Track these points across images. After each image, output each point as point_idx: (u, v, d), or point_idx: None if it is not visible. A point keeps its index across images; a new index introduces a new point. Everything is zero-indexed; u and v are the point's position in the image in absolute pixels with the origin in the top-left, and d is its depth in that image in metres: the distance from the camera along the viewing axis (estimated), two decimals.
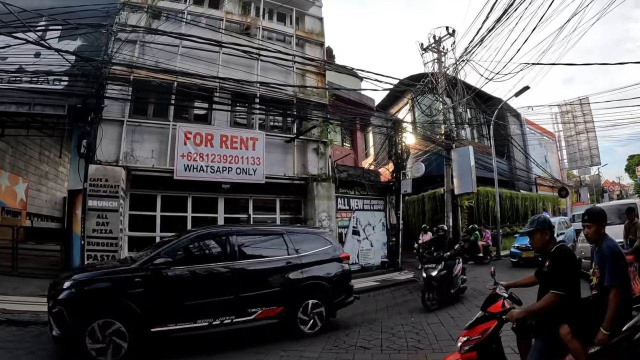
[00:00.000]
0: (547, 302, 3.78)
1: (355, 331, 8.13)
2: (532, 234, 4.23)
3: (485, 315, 4.27)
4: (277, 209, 15.43)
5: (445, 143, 20.70)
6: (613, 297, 3.64)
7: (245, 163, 14.04)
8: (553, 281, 3.84)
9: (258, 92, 15.10)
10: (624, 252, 9.08)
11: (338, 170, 16.17)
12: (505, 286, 4.61)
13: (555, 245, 4.13)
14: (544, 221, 4.23)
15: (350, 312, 9.88)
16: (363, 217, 17.16)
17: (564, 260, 3.96)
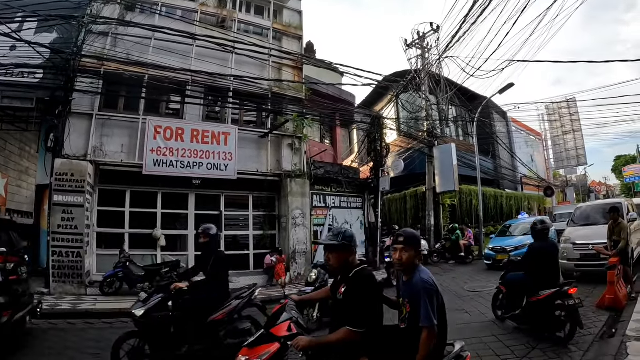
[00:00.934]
0: (340, 338, 3.16)
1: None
2: (332, 249, 3.54)
3: (268, 335, 3.55)
4: (250, 205, 14.97)
5: (427, 140, 20.22)
6: (425, 339, 3.10)
7: (216, 158, 13.61)
8: (349, 314, 3.20)
9: (232, 86, 14.64)
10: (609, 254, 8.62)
11: (315, 167, 15.67)
12: (297, 301, 3.90)
13: (355, 268, 3.45)
14: (350, 237, 3.57)
15: None
16: (340, 215, 16.66)
17: (364, 290, 3.30)
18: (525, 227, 16.04)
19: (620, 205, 11.50)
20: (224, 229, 14.22)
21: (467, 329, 7.36)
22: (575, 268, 11.19)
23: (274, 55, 15.51)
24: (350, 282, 3.34)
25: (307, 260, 14.70)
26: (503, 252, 14.77)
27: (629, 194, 52.31)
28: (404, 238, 3.43)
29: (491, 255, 15.56)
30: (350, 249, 3.51)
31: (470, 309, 9.09)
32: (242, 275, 13.61)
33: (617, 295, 7.84)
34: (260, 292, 12.18)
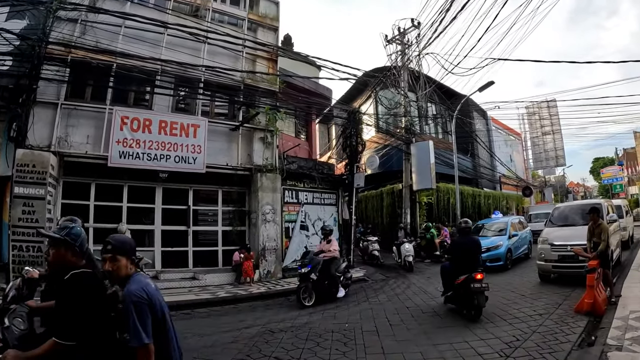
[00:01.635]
0: (45, 350, 2.60)
1: (278, 337, 7.28)
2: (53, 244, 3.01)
3: None
4: (220, 200, 14.51)
5: (405, 137, 19.86)
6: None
7: (185, 151, 13.15)
8: (58, 324, 2.70)
9: (203, 77, 14.14)
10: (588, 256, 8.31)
11: (287, 162, 15.18)
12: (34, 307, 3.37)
13: (73, 271, 2.87)
14: (76, 235, 3.04)
15: (282, 314, 9.20)
16: (312, 211, 16.26)
17: (76, 296, 2.72)
18: (499, 227, 15.78)
19: (600, 206, 11.28)
20: (191, 224, 13.79)
21: (439, 334, 7.04)
22: (552, 269, 11.03)
23: (248, 46, 15.03)
24: (63, 286, 2.79)
25: (278, 257, 14.31)
26: None
27: (606, 195, 52.96)
28: (112, 246, 2.77)
29: None
30: (73, 248, 2.96)
31: (442, 312, 8.75)
32: (209, 272, 13.25)
33: (597, 299, 7.54)
34: (226, 290, 11.92)
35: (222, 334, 7.60)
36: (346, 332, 7.32)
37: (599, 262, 8.10)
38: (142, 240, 13.22)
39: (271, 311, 9.72)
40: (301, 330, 7.61)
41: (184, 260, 13.64)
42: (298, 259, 15.10)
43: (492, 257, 13.94)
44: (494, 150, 34.78)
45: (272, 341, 7.01)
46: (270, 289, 12.27)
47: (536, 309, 8.24)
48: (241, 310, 10.05)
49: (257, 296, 11.35)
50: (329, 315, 8.96)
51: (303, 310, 9.59)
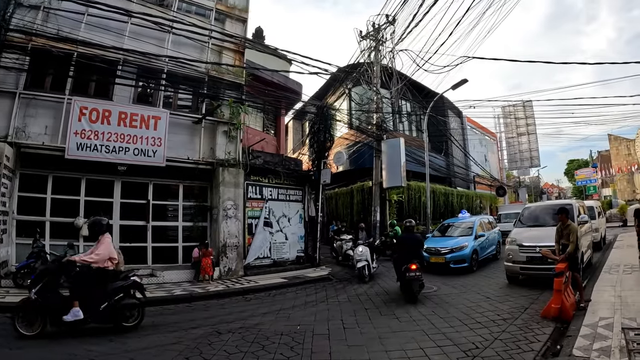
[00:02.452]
0: None
1: (224, 339, 6.95)
2: None
3: None
4: (180, 195, 14.07)
5: (376, 134, 19.61)
6: None
7: (144, 143, 12.74)
8: None
9: (166, 67, 13.64)
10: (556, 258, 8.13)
11: (253, 156, 14.80)
12: None
13: None
14: None
15: (235, 314, 8.84)
16: (277, 207, 15.93)
17: None
18: (466, 227, 15.44)
19: (570, 207, 11.13)
20: (151, 219, 13.37)
21: (394, 339, 6.70)
22: (520, 271, 10.77)
23: (215, 37, 14.59)
24: None
25: (239, 254, 13.95)
26: (437, 254, 13.85)
27: (580, 196, 53.58)
28: None
29: (424, 257, 13.41)
30: None
31: (401, 314, 8.40)
32: (167, 269, 12.89)
33: (565, 304, 7.26)
34: (183, 288, 11.53)
35: (167, 334, 7.27)
36: (296, 335, 7.01)
37: (567, 264, 7.89)
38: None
39: (224, 310, 9.38)
40: (250, 332, 7.29)
41: (142, 257, 13.21)
42: (261, 256, 14.79)
43: (456, 258, 13.53)
44: (469, 150, 34.88)
45: (216, 343, 6.69)
46: (229, 287, 11.91)
47: (500, 313, 7.97)
48: (194, 309, 9.69)
49: (214, 295, 10.97)
50: (283, 316, 8.65)
51: (257, 310, 9.30)
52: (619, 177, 61.56)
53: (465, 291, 10.39)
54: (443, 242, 14.53)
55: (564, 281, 7.45)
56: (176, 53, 13.46)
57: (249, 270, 14.15)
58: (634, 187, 58.22)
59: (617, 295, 8.40)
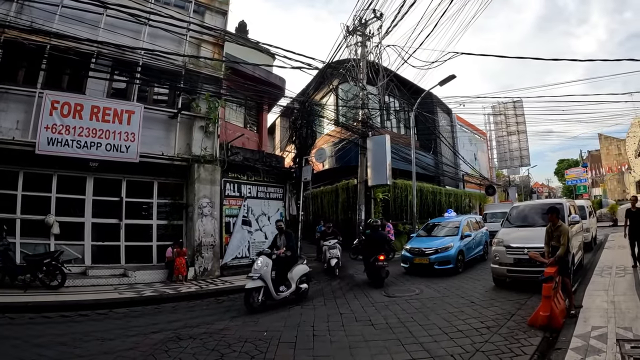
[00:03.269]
0: None
1: (183, 345, 6.54)
2: None
3: None
4: (155, 192, 13.63)
5: (361, 130, 19.18)
6: None
7: (117, 139, 12.33)
8: None
9: (141, 60, 13.21)
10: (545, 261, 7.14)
11: (231, 152, 14.31)
12: None
13: None
14: None
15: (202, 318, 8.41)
16: (256, 205, 15.48)
17: None
18: (453, 227, 14.83)
19: (561, 206, 10.54)
20: (124, 217, 12.92)
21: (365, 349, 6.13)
22: (507, 274, 10.16)
23: (193, 29, 14.15)
24: None
25: (216, 254, 13.54)
26: (421, 255, 13.27)
27: (570, 196, 53.47)
28: None
29: (408, 257, 13.72)
30: None
31: (377, 321, 7.81)
32: (141, 269, 12.46)
33: (554, 311, 6.70)
34: (154, 289, 11.07)
35: (125, 339, 6.85)
36: (260, 343, 6.52)
37: (557, 268, 7.32)
38: (72, 234, 12.32)
39: (192, 313, 8.97)
40: (212, 338, 6.85)
41: (115, 256, 12.81)
42: (240, 256, 14.30)
43: (441, 259, 12.95)
44: (458, 149, 34.57)
45: (173, 350, 6.27)
46: (202, 288, 11.50)
47: (485, 320, 7.38)
48: (162, 311, 9.27)
49: (185, 296, 10.55)
50: (251, 320, 8.14)
51: (226, 313, 8.86)
52: (609, 177, 61.55)
53: (449, 295, 9.87)
54: (428, 242, 13.97)
55: (554, 287, 6.90)
56: (153, 46, 12.99)
57: (226, 271, 13.75)
58: (624, 186, 58.21)
59: (610, 300, 7.89)
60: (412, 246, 13.90)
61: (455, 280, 11.90)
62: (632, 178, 52.72)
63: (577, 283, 9.83)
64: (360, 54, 20.02)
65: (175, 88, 13.81)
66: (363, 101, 19.59)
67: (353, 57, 19.80)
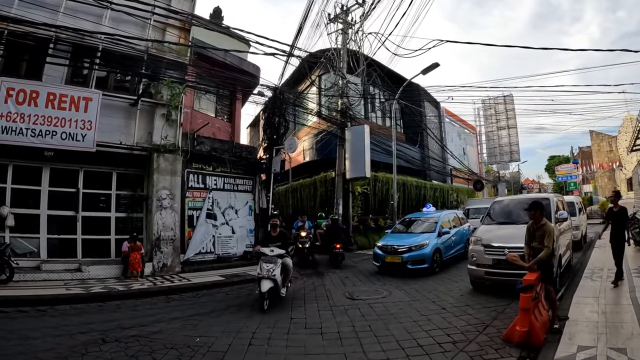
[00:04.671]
0: None
1: (104, 349, 5.93)
2: None
3: None
4: (114, 183, 12.97)
5: (340, 121, 18.54)
6: None
7: (73, 127, 11.64)
8: None
9: (101, 45, 12.47)
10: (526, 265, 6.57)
11: (197, 142, 13.65)
12: None
13: None
14: None
15: (140, 318, 7.78)
16: (223, 198, 14.84)
17: None
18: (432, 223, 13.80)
19: (547, 202, 9.71)
20: (81, 209, 12.26)
21: None
22: (485, 276, 9.18)
23: (158, 13, 13.39)
24: None
25: (176, 249, 12.93)
26: (393, 253, 12.33)
27: (560, 192, 53.16)
28: None
29: (379, 255, 12.76)
30: None
31: (329, 329, 6.96)
32: (96, 264, 11.79)
33: (534, 326, 5.68)
34: (105, 285, 10.44)
35: (50, 339, 6.31)
36: (186, 351, 5.84)
37: (539, 274, 6.29)
38: (27, 226, 11.70)
39: (134, 313, 8.34)
40: (138, 342, 6.21)
41: (72, 250, 12.17)
42: (204, 251, 13.66)
43: (414, 258, 12.00)
44: (447, 143, 34.09)
45: (91, 353, 5.70)
46: (155, 285, 10.86)
47: (452, 333, 6.44)
48: (103, 309, 8.65)
49: (134, 294, 9.91)
50: (191, 323, 7.47)
51: (169, 314, 8.22)
52: (599, 174, 61.43)
53: (419, 299, 8.99)
54: (401, 239, 12.97)
55: (533, 297, 5.86)
56: (116, 30, 12.32)
57: (189, 267, 13.13)
58: (615, 183, 58.02)
59: (601, 311, 6.90)
60: (385, 243, 12.98)
61: (430, 282, 11.01)
62: (623, 175, 52.56)
63: (564, 287, 8.99)
64: (341, 42, 19.43)
65: (135, 74, 13.16)
66: (342, 90, 18.96)
67: (334, 47, 19.24)
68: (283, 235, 9.46)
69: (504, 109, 46.40)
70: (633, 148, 25.38)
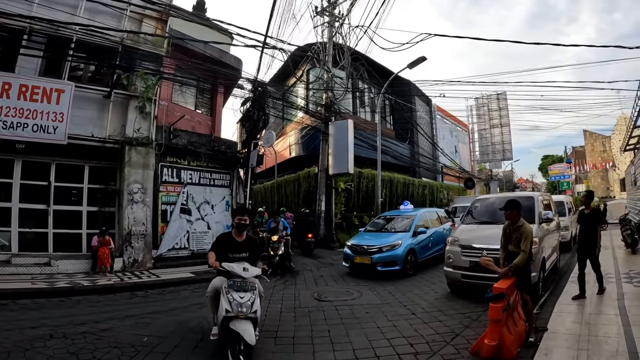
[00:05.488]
0: None
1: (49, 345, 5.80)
2: None
3: None
4: (86, 177, 12.79)
5: (324, 115, 18.35)
6: None
7: (45, 119, 11.44)
8: None
9: (75, 37, 12.24)
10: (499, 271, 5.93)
11: (173, 135, 13.45)
12: None
13: None
14: None
15: (96, 315, 7.60)
16: (198, 193, 14.63)
17: None
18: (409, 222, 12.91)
19: (531, 201, 9.24)
20: (52, 202, 12.11)
21: None
22: (462, 280, 8.66)
23: (135, 4, 13.17)
24: None
25: (147, 244, 12.74)
26: (363, 254, 11.63)
27: (553, 192, 53.10)
28: None
29: (349, 255, 12.08)
30: None
31: (285, 334, 6.53)
32: (65, 259, 11.67)
33: (505, 340, 5.08)
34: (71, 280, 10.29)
35: None
36: (129, 351, 5.64)
37: (514, 281, 5.72)
38: None
39: (92, 309, 8.19)
40: (85, 340, 6.06)
41: (44, 244, 11.99)
42: (178, 247, 13.47)
43: (385, 259, 11.25)
44: (438, 140, 33.94)
45: (35, 349, 5.59)
46: (122, 280, 10.73)
47: (417, 342, 5.93)
48: (63, 305, 8.51)
49: (99, 289, 9.78)
50: (146, 321, 7.25)
51: (127, 310, 8.07)
52: (593, 174, 61.43)
53: (390, 302, 8.53)
54: (373, 239, 12.24)
55: (505, 307, 5.20)
56: (91, 21, 12.09)
57: (161, 262, 12.97)
58: (608, 184, 58.12)
59: (584, 321, 6.31)
60: (354, 243, 12.28)
61: (406, 283, 10.51)
62: (617, 175, 52.52)
63: (548, 292, 8.56)
64: (328, 35, 19.24)
65: (109, 65, 12.93)
66: (327, 84, 18.76)
67: (320, 41, 19.08)
68: (251, 243, 6.23)
69: (497, 106, 46.25)
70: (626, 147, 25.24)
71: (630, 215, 14.73)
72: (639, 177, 18.43)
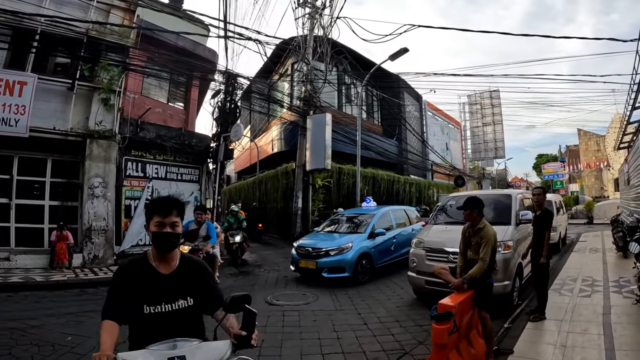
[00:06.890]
0: None
1: None
2: None
3: None
4: (48, 170, 12.60)
5: (302, 109, 18.11)
6: None
7: (6, 112, 11.29)
8: None
9: (39, 28, 12.02)
10: (453, 281, 4.99)
11: (140, 128, 13.25)
12: None
13: None
14: None
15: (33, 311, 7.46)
16: (164, 187, 14.39)
17: None
18: (365, 222, 11.61)
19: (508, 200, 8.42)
20: (14, 196, 11.93)
21: None
22: (426, 286, 7.75)
23: None
24: None
25: (109, 240, 12.59)
26: (308, 258, 10.35)
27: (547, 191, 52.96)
28: None
29: (294, 258, 10.88)
30: None
31: None
32: (26, 254, 11.49)
33: None
34: (25, 275, 10.11)
35: None
36: (47, 350, 5.48)
37: (469, 295, 4.79)
38: None
39: (35, 305, 8.08)
40: (11, 336, 5.92)
41: (5, 238, 11.82)
42: (142, 243, 13.24)
43: (331, 264, 9.99)
44: (429, 137, 33.70)
45: None
46: (77, 277, 10.57)
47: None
48: (9, 300, 8.37)
49: (51, 285, 9.66)
50: (80, 320, 7.00)
51: (68, 308, 7.85)
52: (586, 173, 61.23)
53: (346, 309, 7.83)
54: (323, 240, 10.99)
55: (452, 329, 4.05)
56: (57, 13, 11.95)
57: (124, 259, 12.55)
58: (602, 183, 57.91)
59: (560, 343, 5.32)
60: (301, 244, 11.00)
61: (372, 287, 9.70)
62: (611, 175, 52.29)
63: (526, 302, 7.59)
64: (309, 27, 18.98)
65: (73, 57, 12.73)
66: (307, 76, 18.51)
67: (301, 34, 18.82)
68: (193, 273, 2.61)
69: (490, 104, 46.05)
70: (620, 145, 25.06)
71: (622, 216, 14.29)
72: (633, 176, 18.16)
